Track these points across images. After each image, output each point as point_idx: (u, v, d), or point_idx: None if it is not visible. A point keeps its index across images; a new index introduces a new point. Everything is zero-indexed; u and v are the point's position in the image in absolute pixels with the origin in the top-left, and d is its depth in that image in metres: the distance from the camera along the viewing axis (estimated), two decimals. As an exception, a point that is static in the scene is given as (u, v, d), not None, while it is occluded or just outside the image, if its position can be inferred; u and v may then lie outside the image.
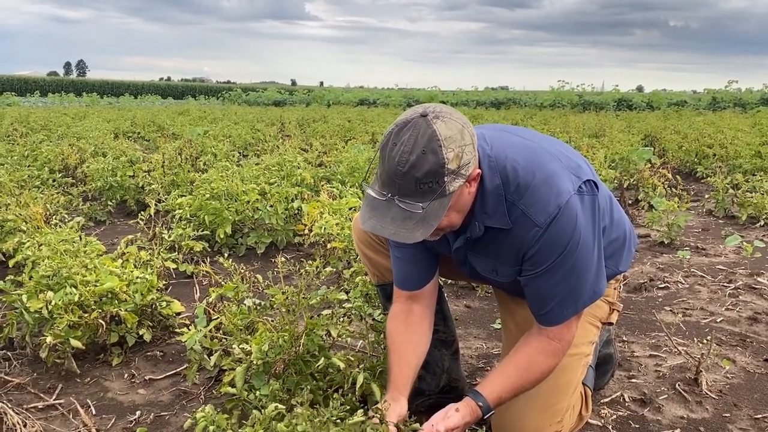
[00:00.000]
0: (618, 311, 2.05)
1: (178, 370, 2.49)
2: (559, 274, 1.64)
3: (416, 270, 1.89)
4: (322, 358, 1.93)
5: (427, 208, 1.46)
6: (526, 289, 1.72)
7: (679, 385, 2.39)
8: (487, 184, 1.61)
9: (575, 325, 1.75)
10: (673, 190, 5.45)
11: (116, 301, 2.53)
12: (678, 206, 4.51)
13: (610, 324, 2.05)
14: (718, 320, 3.05)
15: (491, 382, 1.71)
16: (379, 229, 1.50)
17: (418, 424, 1.70)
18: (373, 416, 1.63)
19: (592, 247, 1.66)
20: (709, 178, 6.02)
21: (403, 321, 1.88)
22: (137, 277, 2.65)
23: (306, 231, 3.79)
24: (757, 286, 3.54)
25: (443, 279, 3.10)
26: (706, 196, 5.82)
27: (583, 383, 1.98)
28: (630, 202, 5.78)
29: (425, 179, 1.44)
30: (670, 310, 3.18)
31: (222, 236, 3.97)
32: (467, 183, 1.53)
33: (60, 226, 3.41)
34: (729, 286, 3.54)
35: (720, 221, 5.34)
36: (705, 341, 2.55)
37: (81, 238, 3.01)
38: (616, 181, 5.74)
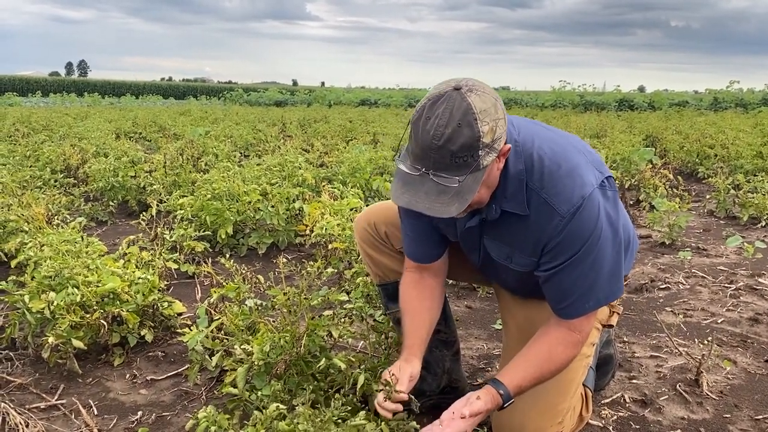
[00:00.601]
0: (618, 314, 2.05)
1: (179, 370, 2.49)
2: (580, 267, 1.63)
3: (426, 247, 1.90)
4: (324, 359, 1.94)
5: (462, 183, 1.45)
6: (546, 284, 1.71)
7: (679, 385, 2.39)
8: (511, 168, 1.61)
9: (594, 318, 1.75)
10: (675, 190, 5.45)
11: (118, 302, 2.54)
12: (679, 207, 4.51)
13: (611, 326, 2.06)
14: (719, 321, 3.06)
15: (511, 371, 1.69)
16: (414, 204, 1.48)
17: (415, 423, 1.70)
18: (382, 389, 1.62)
19: (612, 242, 1.65)
20: (710, 179, 6.02)
21: (416, 287, 1.90)
22: (139, 278, 2.65)
23: (307, 231, 3.80)
24: (758, 287, 3.54)
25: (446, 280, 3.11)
26: (708, 196, 5.82)
27: (583, 384, 1.98)
28: (631, 202, 5.78)
29: (460, 153, 1.43)
30: (671, 311, 3.18)
31: (223, 237, 3.98)
32: (497, 158, 1.53)
33: (62, 227, 3.42)
34: (730, 287, 3.54)
35: (721, 222, 5.34)
36: (706, 342, 2.55)
37: (83, 239, 3.01)
38: (617, 181, 5.74)
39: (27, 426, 2.00)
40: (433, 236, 1.89)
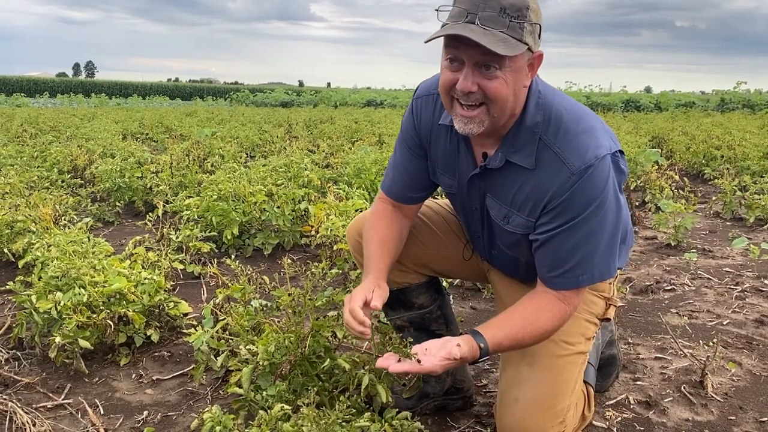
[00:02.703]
0: (614, 306, 2.00)
1: (185, 370, 2.50)
2: (580, 233, 1.60)
3: (410, 187, 1.90)
4: (328, 359, 1.95)
5: (508, 37, 1.43)
6: (541, 249, 1.66)
7: (684, 387, 2.38)
8: (528, 119, 1.60)
9: (583, 294, 1.72)
10: (681, 191, 5.44)
11: (124, 302, 2.55)
12: (685, 208, 4.50)
13: (608, 320, 2.03)
14: (725, 323, 3.05)
15: (494, 328, 1.64)
16: (460, 31, 1.43)
17: (419, 423, 1.71)
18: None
19: (615, 215, 1.63)
20: (716, 180, 6.00)
21: (387, 217, 1.90)
22: (145, 278, 2.67)
23: (312, 232, 3.81)
24: (764, 289, 3.53)
25: (448, 281, 3.11)
26: (714, 198, 5.80)
27: (585, 382, 1.96)
28: (637, 203, 5.77)
29: (509, 10, 1.42)
30: (676, 313, 3.17)
31: (229, 237, 3.99)
32: (529, 65, 1.52)
33: (69, 227, 3.45)
34: (736, 289, 3.53)
35: (727, 223, 5.32)
36: (711, 344, 2.55)
37: (89, 239, 3.03)
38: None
39: (34, 425, 2.01)
40: (421, 178, 1.88)
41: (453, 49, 1.50)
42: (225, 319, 2.26)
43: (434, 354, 1.56)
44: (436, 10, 1.50)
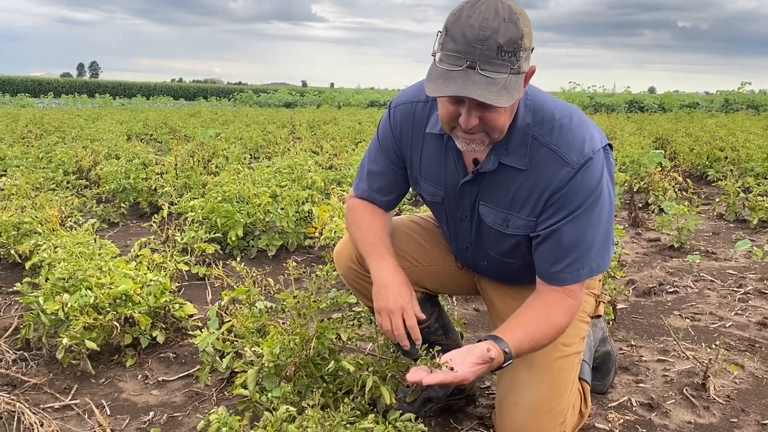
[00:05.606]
0: (603, 303, 2.02)
1: (190, 371, 2.52)
2: (581, 224, 1.62)
3: (385, 190, 1.91)
4: (332, 361, 1.96)
5: (507, 78, 1.44)
6: (543, 245, 1.68)
7: (686, 390, 2.40)
8: (519, 121, 1.62)
9: (583, 287, 1.74)
10: (684, 193, 5.45)
11: (130, 304, 2.57)
12: (688, 210, 4.50)
13: (599, 317, 2.04)
14: (727, 325, 3.06)
15: (511, 331, 1.63)
16: (464, 91, 1.43)
17: (422, 425, 1.72)
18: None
19: (609, 206, 1.66)
20: (720, 182, 6.00)
21: (368, 207, 1.92)
22: (151, 280, 2.69)
23: (316, 234, 3.83)
24: (766, 291, 3.53)
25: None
26: (717, 199, 5.80)
27: (580, 378, 1.97)
28: (640, 205, 5.77)
29: (507, 47, 1.42)
30: (679, 315, 3.18)
31: (233, 239, 4.01)
32: (525, 80, 1.53)
33: (75, 229, 3.47)
34: (738, 291, 3.54)
35: (731, 225, 5.32)
36: (713, 346, 2.56)
37: (95, 241, 3.06)
38: (626, 184, 5.74)
39: (41, 425, 2.04)
40: (399, 184, 1.90)
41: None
42: (230, 320, 2.28)
43: (462, 362, 1.55)
44: (432, 55, 1.49)
